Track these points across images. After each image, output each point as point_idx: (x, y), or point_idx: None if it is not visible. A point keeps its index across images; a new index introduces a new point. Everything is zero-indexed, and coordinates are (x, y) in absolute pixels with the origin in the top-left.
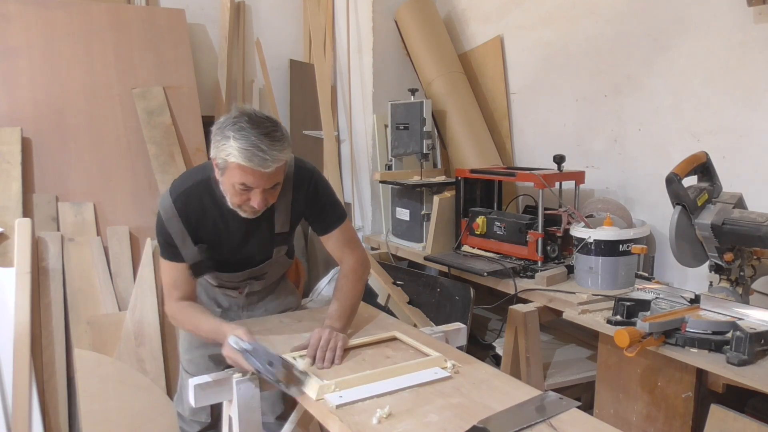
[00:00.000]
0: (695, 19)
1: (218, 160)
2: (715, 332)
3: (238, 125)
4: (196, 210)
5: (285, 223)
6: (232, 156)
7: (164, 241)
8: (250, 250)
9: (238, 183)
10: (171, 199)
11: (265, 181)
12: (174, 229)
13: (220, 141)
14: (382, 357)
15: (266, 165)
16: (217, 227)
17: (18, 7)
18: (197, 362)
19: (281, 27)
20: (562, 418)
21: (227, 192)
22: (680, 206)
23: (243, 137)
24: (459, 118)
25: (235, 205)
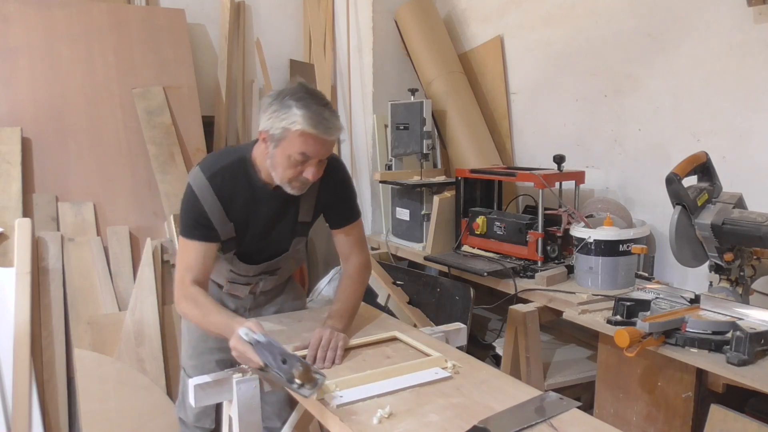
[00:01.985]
0: (695, 19)
1: (274, 130)
2: (715, 332)
3: (298, 95)
4: (230, 189)
5: (309, 212)
6: (297, 123)
7: (193, 219)
8: (273, 237)
9: (298, 152)
10: (206, 176)
11: (325, 149)
12: (210, 206)
13: (279, 110)
14: (382, 357)
15: (330, 132)
16: (247, 209)
17: (18, 7)
18: (203, 368)
19: (281, 27)
20: (562, 418)
21: (279, 165)
22: (680, 206)
23: (306, 106)
24: (459, 118)
25: (286, 178)
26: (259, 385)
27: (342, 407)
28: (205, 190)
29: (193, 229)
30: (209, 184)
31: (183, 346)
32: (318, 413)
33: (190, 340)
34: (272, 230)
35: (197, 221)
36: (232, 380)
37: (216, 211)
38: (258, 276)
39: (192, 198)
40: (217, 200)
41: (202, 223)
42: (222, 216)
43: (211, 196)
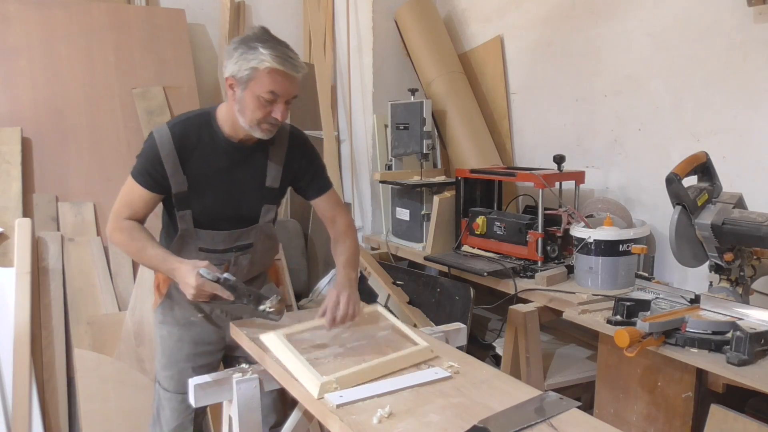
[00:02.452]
0: (695, 19)
1: (242, 72)
2: (715, 332)
3: (262, 37)
4: (192, 140)
5: (276, 178)
6: (265, 62)
7: (147, 165)
8: (238, 198)
9: (267, 91)
10: (168, 126)
11: (292, 88)
12: (166, 154)
13: (246, 52)
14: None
15: (296, 69)
16: (207, 162)
17: (18, 7)
18: (180, 377)
19: (281, 27)
20: (562, 418)
21: (248, 108)
22: (680, 206)
23: (272, 46)
24: (459, 118)
25: (255, 120)
26: (259, 385)
27: (342, 407)
28: (165, 138)
29: (142, 174)
30: (170, 132)
31: (156, 357)
32: (318, 413)
33: (164, 350)
34: (236, 189)
35: (149, 169)
36: (232, 380)
37: (171, 161)
38: (229, 252)
39: (151, 144)
40: (174, 150)
41: (152, 173)
42: (176, 166)
43: (170, 143)
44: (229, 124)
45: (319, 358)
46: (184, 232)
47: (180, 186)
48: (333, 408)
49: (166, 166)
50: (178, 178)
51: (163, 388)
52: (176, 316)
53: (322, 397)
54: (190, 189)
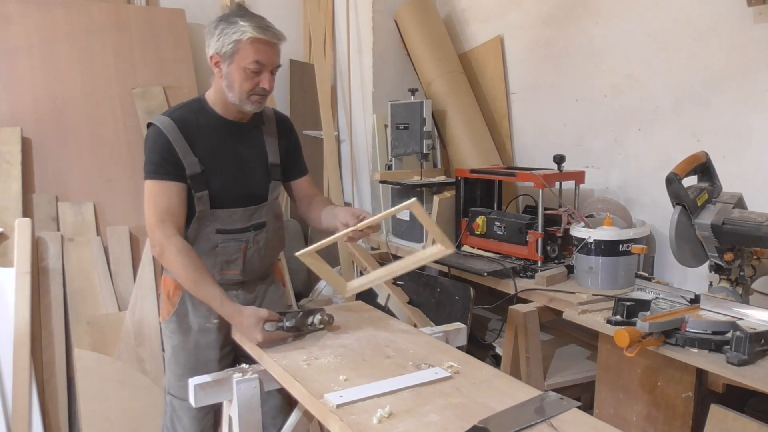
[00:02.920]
0: (695, 19)
1: (225, 47)
2: (715, 332)
3: (240, 13)
4: (192, 123)
5: (276, 154)
6: (247, 33)
7: (161, 156)
8: (247, 175)
9: (252, 61)
10: (167, 115)
11: (276, 57)
12: (173, 135)
13: (225, 28)
14: (382, 357)
15: (277, 36)
16: (212, 141)
17: (18, 7)
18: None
19: (281, 27)
20: (562, 418)
21: (235, 81)
22: (680, 206)
23: (250, 18)
24: (459, 118)
25: (245, 92)
26: (259, 385)
27: (342, 407)
28: (169, 126)
29: (161, 167)
30: (171, 120)
31: (170, 369)
32: (318, 413)
33: (178, 360)
34: (244, 166)
35: (165, 157)
36: (232, 380)
37: (180, 144)
38: (247, 231)
39: (157, 134)
40: (181, 134)
41: (169, 160)
42: (186, 149)
43: (175, 130)
44: (220, 104)
45: (319, 358)
46: (201, 214)
47: (194, 167)
48: (333, 408)
49: (177, 149)
50: (190, 160)
51: (179, 398)
52: (191, 324)
53: (322, 397)
54: (203, 170)
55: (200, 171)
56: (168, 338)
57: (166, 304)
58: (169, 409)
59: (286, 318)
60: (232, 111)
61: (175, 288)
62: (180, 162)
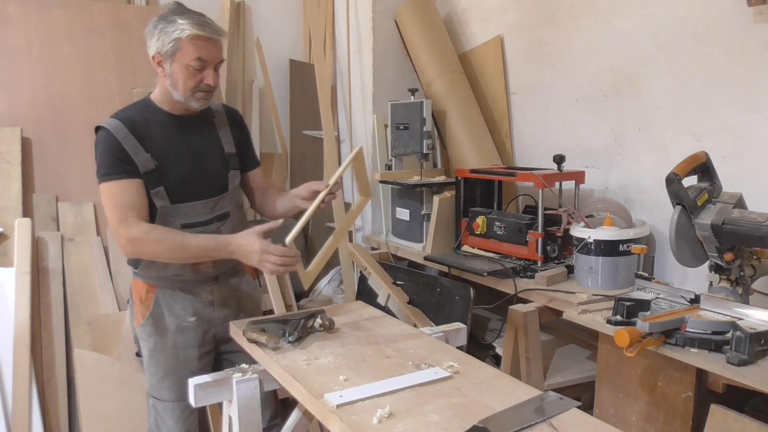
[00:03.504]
0: (695, 19)
1: (166, 47)
2: (715, 332)
3: (178, 11)
4: (138, 120)
5: (230, 144)
6: (186, 30)
7: (113, 157)
8: (205, 167)
9: (194, 58)
10: (115, 117)
11: (217, 52)
12: (122, 135)
13: (165, 27)
14: (382, 357)
15: (217, 32)
16: (162, 137)
17: (18, 7)
18: (180, 385)
19: (281, 27)
20: (562, 418)
21: (179, 79)
22: (680, 206)
23: (189, 16)
24: (459, 118)
25: (189, 90)
26: (259, 385)
27: (342, 407)
28: (117, 126)
29: (115, 167)
30: (120, 121)
31: (150, 372)
32: (318, 413)
33: (158, 362)
34: (199, 156)
35: (117, 157)
36: (232, 380)
37: (130, 142)
38: (211, 223)
39: (106, 136)
40: (130, 133)
41: (122, 159)
42: (136, 147)
43: (123, 129)
44: (166, 102)
45: (319, 358)
46: (162, 210)
47: (146, 164)
48: (333, 408)
49: (127, 148)
50: (142, 157)
51: (161, 400)
52: (168, 324)
53: (322, 397)
54: (157, 165)
55: (154, 167)
56: (144, 342)
57: (140, 308)
58: (152, 412)
59: (287, 330)
60: (179, 108)
61: (148, 291)
62: (132, 160)
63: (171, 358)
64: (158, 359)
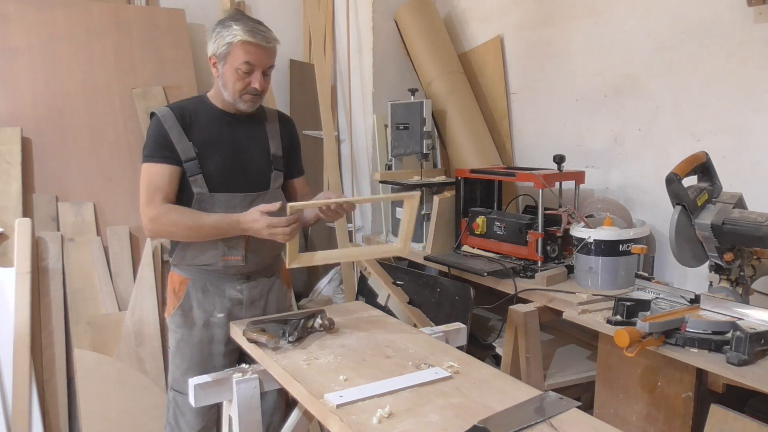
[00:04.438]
0: (695, 19)
1: (220, 49)
2: (715, 332)
3: (235, 17)
4: (190, 111)
5: (278, 147)
6: (237, 36)
7: (156, 143)
8: (247, 161)
9: (243, 62)
10: (168, 106)
11: (266, 58)
12: (170, 125)
13: (220, 32)
14: (382, 357)
15: (267, 40)
16: (209, 128)
17: (18, 7)
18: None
19: (281, 27)
20: (562, 418)
21: (229, 81)
22: (680, 206)
23: (244, 22)
24: (459, 118)
25: (237, 92)
26: (259, 385)
27: (342, 407)
28: (167, 114)
29: (155, 151)
30: (170, 110)
31: (174, 364)
32: (318, 413)
33: (183, 355)
34: (243, 151)
35: (160, 144)
36: (232, 380)
37: (176, 131)
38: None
39: (155, 123)
40: (177, 121)
41: (164, 145)
42: (180, 135)
43: (172, 117)
44: (219, 100)
45: (319, 358)
46: (199, 196)
47: (188, 152)
48: (333, 408)
49: (171, 136)
50: (184, 145)
51: (182, 393)
52: (195, 318)
53: (322, 397)
54: (199, 154)
55: (195, 155)
56: (173, 333)
57: (172, 299)
58: (171, 405)
59: (287, 330)
60: (230, 107)
61: (181, 283)
62: (173, 147)
63: (196, 351)
64: (184, 351)
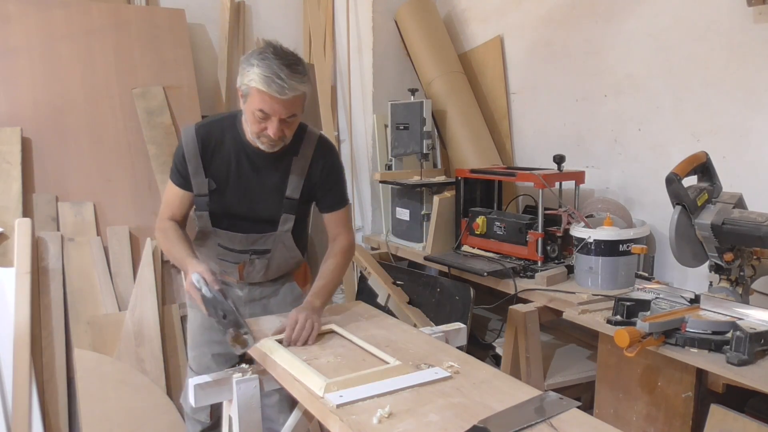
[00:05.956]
0: (695, 19)
1: (242, 86)
2: (715, 332)
3: (263, 54)
4: (216, 141)
5: (296, 189)
6: (254, 81)
7: (176, 167)
8: (258, 205)
9: (257, 109)
10: (195, 127)
11: (282, 109)
12: (190, 154)
13: (245, 68)
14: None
15: (283, 92)
16: (229, 163)
17: (18, 7)
18: (201, 360)
19: (281, 27)
20: (562, 418)
21: (248, 120)
22: (680, 206)
23: (266, 65)
24: (459, 118)
25: (254, 133)
26: (259, 385)
27: (342, 407)
28: (190, 140)
29: (174, 173)
30: (195, 134)
31: (188, 337)
32: (318, 413)
33: (191, 331)
34: (256, 192)
35: (178, 169)
36: (232, 380)
37: (194, 164)
38: (246, 253)
39: (178, 148)
40: (198, 151)
41: (180, 171)
42: (198, 169)
43: (194, 145)
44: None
45: (319, 358)
46: (203, 229)
47: (201, 188)
48: (333, 408)
49: (189, 167)
50: (199, 180)
51: (189, 367)
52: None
53: (322, 397)
54: (211, 190)
55: (206, 193)
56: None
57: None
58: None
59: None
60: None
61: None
62: (189, 178)
63: (197, 333)
64: (191, 329)
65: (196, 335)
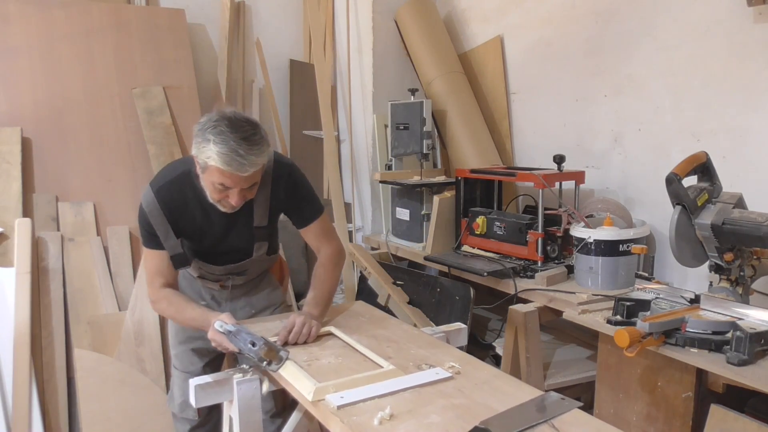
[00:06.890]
0: (695, 19)
1: (199, 160)
2: (715, 332)
3: (218, 129)
4: (178, 202)
5: (264, 217)
6: (212, 160)
7: (146, 232)
8: (231, 242)
9: (218, 183)
10: (153, 192)
11: (243, 182)
12: (156, 220)
13: (201, 143)
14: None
15: (244, 169)
16: (197, 220)
17: (18, 7)
18: (182, 357)
19: (281, 27)
20: (563, 418)
21: (207, 188)
22: (680, 206)
23: (222, 141)
24: (459, 118)
25: (215, 200)
26: (259, 385)
27: (343, 408)
28: (153, 206)
29: (148, 240)
30: (155, 200)
31: (169, 337)
32: (319, 414)
33: (174, 332)
34: (228, 236)
35: (149, 231)
36: (233, 380)
37: (161, 227)
38: (225, 275)
39: (142, 213)
40: (164, 216)
41: (153, 240)
42: (167, 231)
43: (158, 211)
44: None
45: (320, 358)
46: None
47: (174, 249)
48: (334, 409)
49: (159, 233)
50: (171, 242)
51: (174, 366)
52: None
53: (322, 398)
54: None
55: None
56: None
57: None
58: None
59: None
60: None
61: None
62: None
63: (179, 331)
64: (173, 327)
65: (178, 333)
